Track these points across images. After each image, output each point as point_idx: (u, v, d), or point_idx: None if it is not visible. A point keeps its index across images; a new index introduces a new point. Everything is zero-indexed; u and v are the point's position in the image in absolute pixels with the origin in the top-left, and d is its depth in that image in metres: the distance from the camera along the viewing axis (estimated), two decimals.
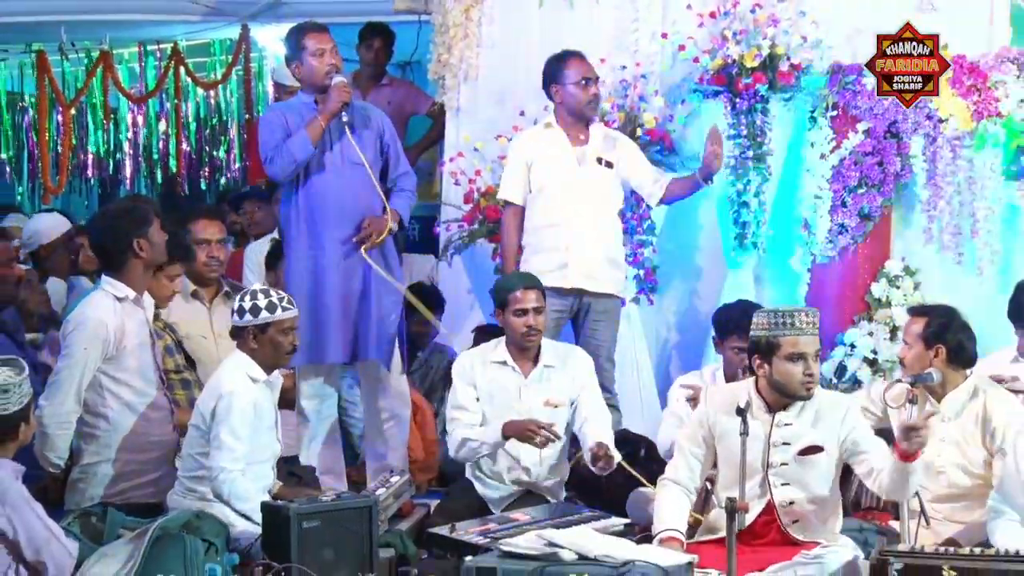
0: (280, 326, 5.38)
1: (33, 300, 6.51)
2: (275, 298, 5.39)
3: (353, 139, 6.17)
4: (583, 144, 6.72)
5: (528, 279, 6.08)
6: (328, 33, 6.31)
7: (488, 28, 8.06)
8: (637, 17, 7.70)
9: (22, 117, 13.65)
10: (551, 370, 6.05)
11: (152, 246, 5.47)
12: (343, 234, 6.18)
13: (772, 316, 5.07)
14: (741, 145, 7.20)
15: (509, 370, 6.03)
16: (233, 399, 5.23)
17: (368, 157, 6.22)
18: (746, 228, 7.25)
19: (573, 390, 6.04)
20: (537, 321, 5.96)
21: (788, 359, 5.01)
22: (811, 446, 5.09)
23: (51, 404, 5.26)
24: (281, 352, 5.41)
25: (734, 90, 7.19)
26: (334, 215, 6.19)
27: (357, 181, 6.17)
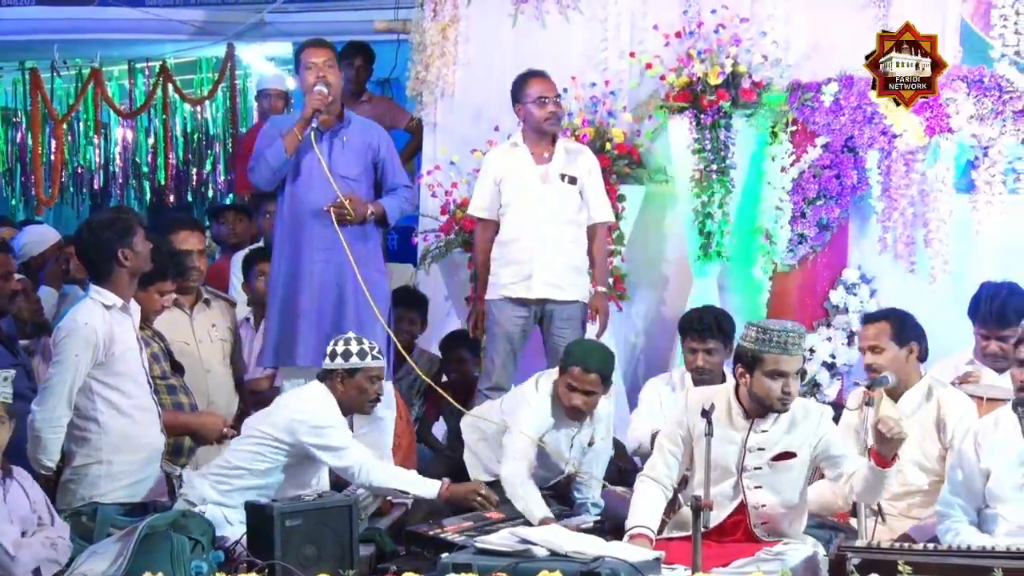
0: (368, 373, 5.50)
1: (27, 308, 6.46)
2: (367, 346, 5.51)
3: (318, 147, 6.16)
4: (547, 162, 6.70)
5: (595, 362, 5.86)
6: (322, 48, 6.32)
7: (464, 47, 8.06)
8: (606, 37, 7.73)
9: (16, 132, 13.57)
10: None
11: (136, 255, 5.43)
12: (320, 240, 6.16)
13: (761, 331, 4.99)
14: (705, 159, 7.21)
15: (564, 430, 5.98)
16: (322, 420, 5.40)
17: (354, 169, 6.23)
18: (710, 238, 7.25)
19: None
20: (585, 402, 5.86)
21: (769, 376, 4.98)
22: (784, 452, 5.08)
23: (43, 408, 5.22)
24: (365, 399, 5.55)
25: (699, 106, 7.20)
26: (311, 221, 6.17)
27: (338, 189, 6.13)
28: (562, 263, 6.62)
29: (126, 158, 13.13)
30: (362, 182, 6.27)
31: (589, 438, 6.01)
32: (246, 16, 11.03)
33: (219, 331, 6.59)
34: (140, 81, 12.52)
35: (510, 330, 6.58)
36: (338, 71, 6.32)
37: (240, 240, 8.16)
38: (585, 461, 6.03)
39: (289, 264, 6.23)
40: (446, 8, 8.07)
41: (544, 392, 5.95)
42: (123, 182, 13.09)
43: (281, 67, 11.77)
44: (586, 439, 6.01)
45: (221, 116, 12.66)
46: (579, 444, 5.99)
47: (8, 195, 13.62)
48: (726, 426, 5.04)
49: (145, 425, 5.45)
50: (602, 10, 7.75)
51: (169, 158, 12.63)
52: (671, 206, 7.54)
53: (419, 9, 8.21)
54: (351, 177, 6.23)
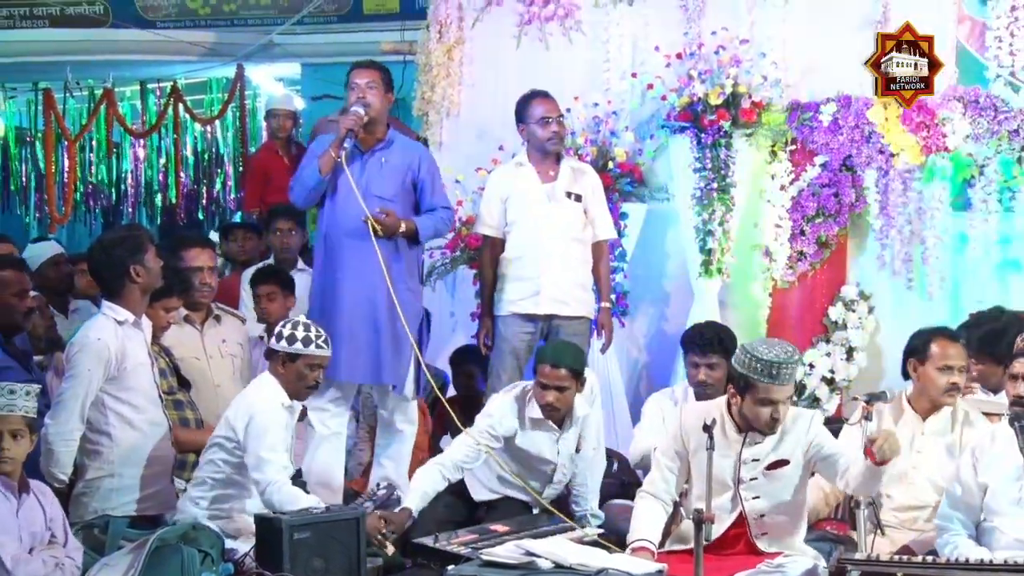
0: (309, 361, 5.41)
1: (41, 325, 6.46)
2: (312, 334, 5.43)
3: (355, 166, 6.14)
4: (552, 180, 6.68)
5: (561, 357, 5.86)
6: (367, 69, 6.29)
7: (469, 68, 8.08)
8: (608, 58, 7.73)
9: (29, 151, 13.61)
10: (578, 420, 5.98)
11: (148, 271, 5.42)
12: (354, 257, 6.13)
13: (753, 360, 4.93)
14: (706, 178, 7.21)
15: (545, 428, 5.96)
16: (267, 417, 5.27)
17: (390, 189, 6.20)
18: (711, 255, 7.25)
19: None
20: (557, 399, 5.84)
21: (759, 403, 4.96)
22: (778, 460, 5.07)
23: (56, 422, 5.21)
24: (303, 385, 5.45)
25: (699, 126, 7.21)
26: (345, 239, 6.16)
27: (372, 209, 6.09)
28: (569, 279, 6.61)
29: (138, 177, 13.17)
30: (397, 202, 6.21)
31: (575, 443, 5.99)
32: (255, 37, 11.07)
33: (229, 347, 6.58)
34: (151, 101, 12.57)
35: (516, 345, 6.58)
36: (381, 92, 6.25)
37: (250, 257, 8.17)
38: (578, 471, 6.02)
39: (325, 280, 6.23)
40: (451, 30, 8.09)
41: (511, 395, 5.96)
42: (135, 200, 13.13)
43: (290, 87, 11.80)
44: (571, 443, 5.98)
45: (231, 135, 12.70)
46: (565, 449, 5.97)
47: (22, 213, 13.65)
48: (721, 440, 5.01)
49: (156, 439, 5.44)
50: (604, 32, 7.76)
51: (180, 177, 12.66)
52: (672, 224, 7.54)
53: (425, 31, 8.23)
54: (386, 197, 6.18)
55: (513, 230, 6.67)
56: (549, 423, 5.92)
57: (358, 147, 6.23)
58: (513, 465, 5.93)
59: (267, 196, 9.10)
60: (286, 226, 7.82)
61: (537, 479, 6.00)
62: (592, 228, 6.72)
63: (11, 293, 5.72)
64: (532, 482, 5.95)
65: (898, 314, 7.13)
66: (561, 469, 6.00)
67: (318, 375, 5.48)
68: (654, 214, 7.59)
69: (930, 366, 5.57)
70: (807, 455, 5.10)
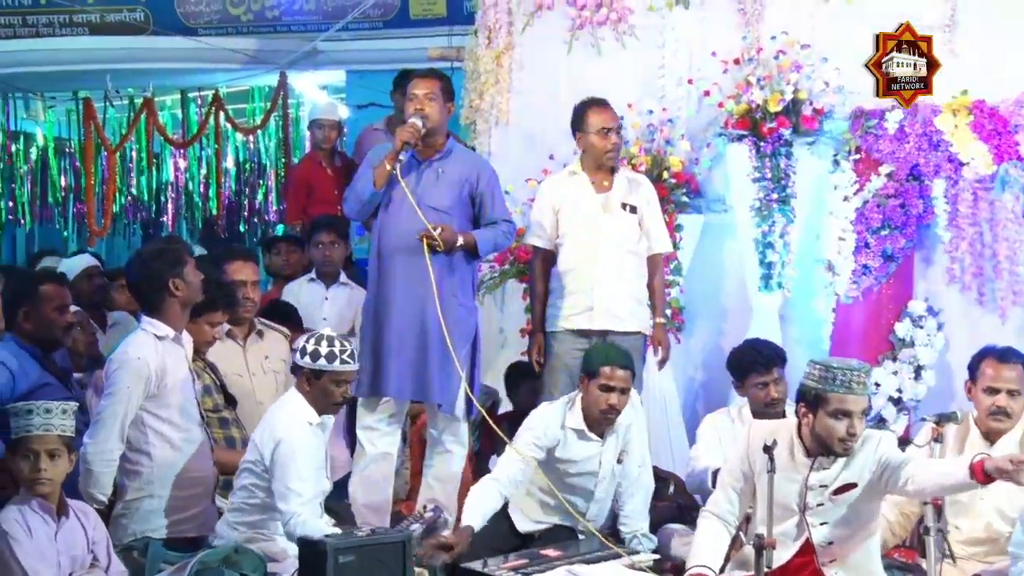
0: (335, 377, 5.37)
1: (82, 341, 6.50)
2: (337, 348, 5.37)
3: (410, 177, 6.14)
4: (607, 191, 6.65)
5: (623, 357, 5.98)
6: (427, 79, 6.28)
7: (518, 74, 8.06)
8: (663, 64, 7.69)
9: (69, 162, 13.74)
10: (620, 428, 6.01)
11: (187, 285, 5.43)
12: (406, 271, 6.12)
13: (824, 369, 4.93)
14: (766, 188, 7.17)
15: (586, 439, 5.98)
16: (294, 445, 5.23)
17: (446, 201, 6.17)
18: (771, 269, 7.21)
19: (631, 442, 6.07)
20: (620, 401, 5.90)
21: (832, 415, 4.90)
22: (845, 485, 5.00)
23: (95, 441, 5.22)
24: (330, 402, 5.41)
25: (758, 134, 7.17)
26: (398, 252, 6.14)
27: (428, 220, 6.07)
28: (623, 293, 6.57)
29: (178, 188, 13.27)
30: (454, 215, 6.19)
31: (617, 455, 5.96)
32: (299, 44, 11.13)
33: (272, 363, 6.60)
34: (192, 110, 12.66)
35: (569, 362, 6.51)
36: (440, 103, 6.23)
37: (293, 271, 8.19)
38: (624, 490, 5.99)
39: (377, 295, 6.22)
40: (501, 35, 8.08)
41: (552, 406, 6.00)
42: (175, 212, 13.24)
43: (334, 95, 11.85)
44: (613, 455, 5.96)
45: (273, 145, 12.78)
46: (607, 461, 5.95)
47: (60, 226, 13.78)
48: (788, 464, 4.98)
49: (197, 458, 5.44)
50: (659, 36, 7.72)
51: (221, 188, 12.74)
52: (730, 236, 7.49)
53: (473, 36, 8.23)
54: (442, 209, 6.15)
55: (565, 242, 6.65)
56: (590, 434, 5.93)
57: (415, 157, 6.22)
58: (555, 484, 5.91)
59: (310, 208, 9.13)
60: (328, 239, 7.83)
61: (580, 496, 5.97)
62: (647, 241, 6.69)
63: (51, 308, 5.75)
64: (575, 498, 5.93)
65: (968, 330, 7.04)
66: (603, 484, 5.97)
67: (345, 391, 5.44)
68: (711, 226, 7.55)
69: (979, 387, 5.53)
70: (877, 476, 5.01)
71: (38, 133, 13.81)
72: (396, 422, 6.29)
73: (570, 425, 5.94)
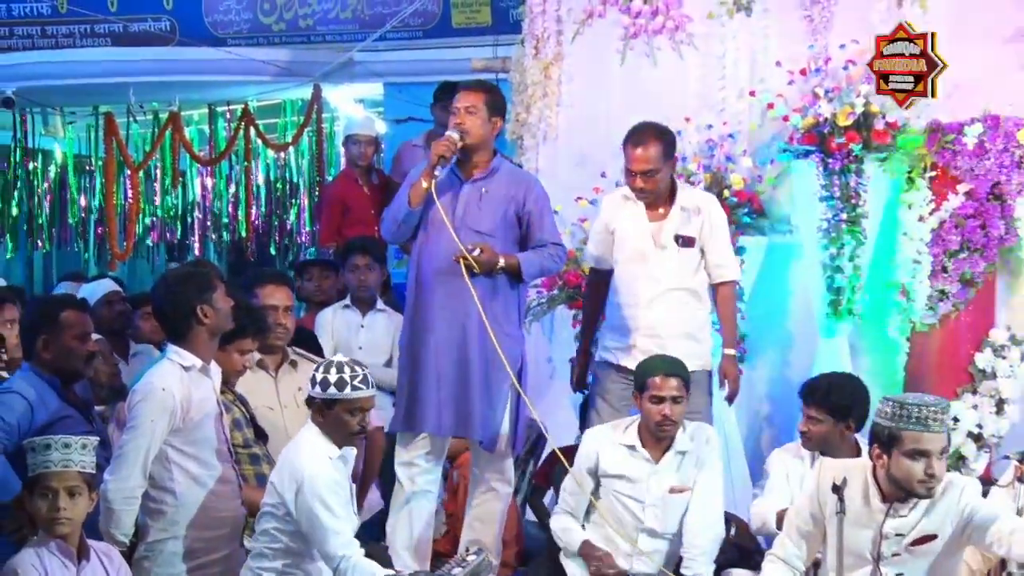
0: (348, 406, 5.32)
1: (104, 372, 6.56)
2: (347, 375, 5.32)
3: (439, 199, 6.15)
4: (661, 219, 6.63)
5: (671, 366, 6.05)
6: (471, 92, 6.31)
7: (568, 87, 8.10)
8: (724, 75, 7.71)
9: (89, 181, 13.85)
10: (681, 455, 6.06)
11: (216, 312, 5.44)
12: (445, 295, 6.15)
13: (898, 407, 4.90)
14: (834, 207, 7.16)
15: (639, 455, 6.03)
16: (317, 483, 5.19)
17: (488, 222, 6.19)
18: (840, 294, 7.20)
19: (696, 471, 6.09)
20: (674, 411, 5.96)
21: (909, 456, 4.87)
22: (924, 536, 4.97)
23: (116, 479, 5.23)
24: (347, 432, 5.34)
25: (826, 150, 7.17)
26: (436, 275, 6.18)
27: (467, 243, 6.09)
28: (669, 332, 6.54)
29: (205, 208, 13.37)
30: (497, 236, 6.19)
31: (669, 483, 5.97)
32: (334, 55, 11.23)
33: (306, 395, 6.63)
34: (220, 126, 12.79)
35: (611, 396, 6.56)
36: (484, 117, 6.25)
37: (327, 297, 8.25)
38: (688, 529, 5.99)
39: (415, 322, 6.25)
40: (549, 45, 8.13)
41: (607, 425, 6.14)
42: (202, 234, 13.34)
43: (371, 109, 11.92)
44: (666, 481, 5.97)
45: (306, 163, 12.87)
46: (658, 485, 5.97)
47: (80, 249, 13.88)
48: (862, 509, 4.95)
49: (225, 498, 5.47)
50: (719, 45, 7.74)
51: (251, 208, 12.83)
52: (796, 259, 7.50)
53: (520, 46, 8.28)
54: (483, 231, 6.17)
55: (616, 269, 6.69)
56: (642, 450, 5.96)
57: (458, 175, 6.26)
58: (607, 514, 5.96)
59: (345, 229, 9.20)
60: (363, 262, 7.88)
61: (630, 525, 5.98)
62: (711, 269, 6.67)
63: (72, 336, 5.78)
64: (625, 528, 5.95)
65: None
66: (652, 511, 5.97)
67: (362, 419, 5.35)
68: (775, 248, 7.56)
69: None
70: (960, 527, 4.97)
71: (57, 150, 13.98)
72: (436, 458, 6.31)
73: (621, 441, 6.02)
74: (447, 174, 6.21)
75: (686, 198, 6.71)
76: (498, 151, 6.45)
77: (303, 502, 5.18)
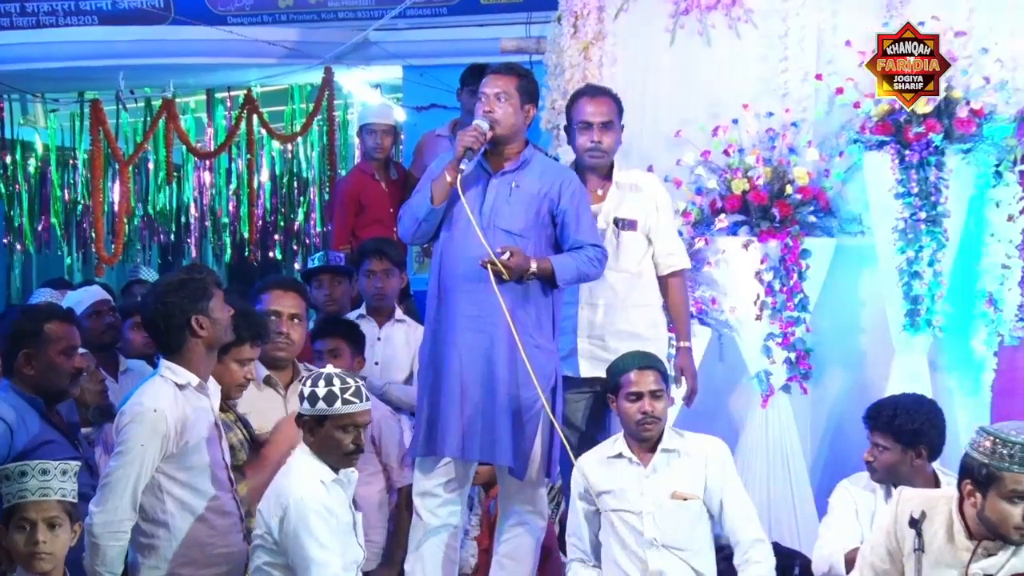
0: (339, 422, 5.28)
1: (91, 391, 6.55)
2: (338, 387, 5.28)
3: (465, 195, 6.14)
4: (599, 201, 6.65)
5: (644, 358, 6.06)
6: (501, 76, 6.31)
7: (610, 70, 8.06)
8: (786, 56, 7.69)
9: (73, 176, 13.89)
10: (673, 455, 5.99)
11: (213, 323, 5.45)
12: (470, 303, 6.14)
13: (1000, 443, 4.82)
14: (912, 205, 7.14)
15: (626, 462, 6.00)
16: (304, 508, 5.16)
17: (519, 221, 6.18)
18: (918, 303, 7.18)
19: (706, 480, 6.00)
20: (655, 406, 5.94)
21: (1008, 499, 4.81)
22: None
23: (103, 510, 5.23)
24: (341, 452, 5.30)
25: (903, 140, 7.15)
26: (460, 281, 6.17)
27: (494, 245, 6.07)
28: (616, 331, 6.57)
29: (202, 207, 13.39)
30: (529, 237, 6.19)
31: (670, 489, 5.91)
32: (347, 35, 11.23)
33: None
34: (220, 114, 12.82)
35: (574, 416, 6.54)
36: (516, 104, 6.25)
37: (339, 307, 8.24)
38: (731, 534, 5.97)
39: (436, 332, 6.24)
40: (589, 23, 8.10)
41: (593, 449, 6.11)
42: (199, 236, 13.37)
43: (389, 95, 11.92)
44: (664, 486, 5.91)
45: (316, 156, 12.88)
46: (653, 492, 5.91)
47: (64, 252, 13.91)
48: (945, 546, 4.92)
49: (225, 532, 5.47)
50: (782, 23, 7.73)
51: (254, 206, 12.84)
52: (869, 264, 7.49)
53: (556, 24, 8.26)
54: (513, 231, 6.16)
55: None
56: (630, 453, 5.93)
57: (485, 168, 6.25)
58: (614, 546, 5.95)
59: (360, 230, 9.20)
60: (380, 267, 7.87)
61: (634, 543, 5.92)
62: (655, 259, 6.69)
63: (57, 350, 5.80)
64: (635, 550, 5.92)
65: None
66: (653, 520, 5.89)
67: (356, 436, 5.32)
68: (845, 251, 7.55)
69: None
70: None
71: (37, 142, 14.03)
72: (459, 487, 6.30)
73: (607, 454, 6.02)
74: (474, 167, 6.18)
75: (622, 176, 6.75)
76: (530, 141, 6.43)
77: (288, 529, 5.16)
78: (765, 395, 7.40)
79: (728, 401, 7.82)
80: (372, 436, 7.03)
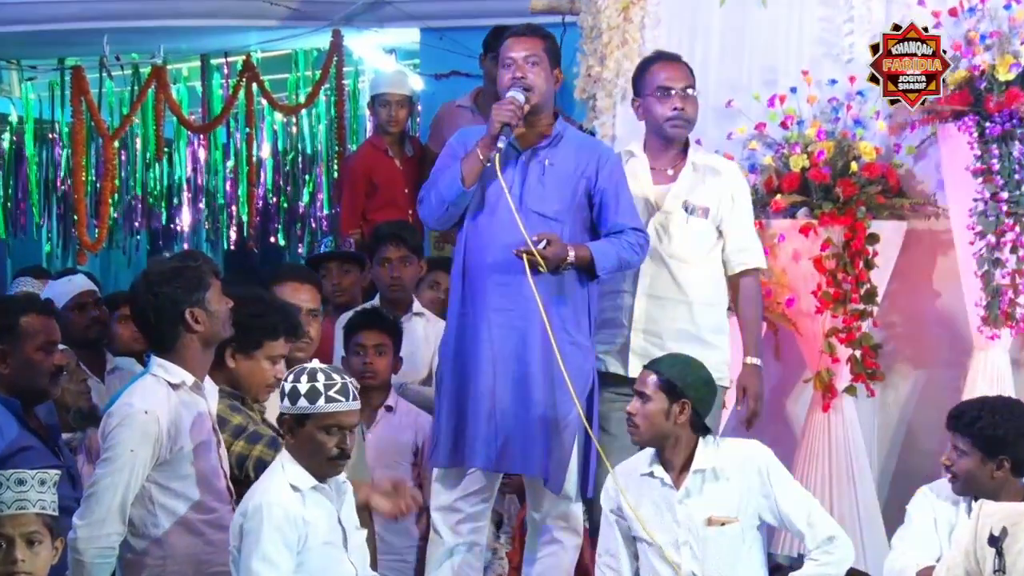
0: (321, 422, 5.20)
1: (72, 391, 6.58)
2: (321, 383, 5.20)
3: (508, 174, 6.17)
4: (669, 181, 6.67)
5: None
6: (527, 39, 6.31)
7: (653, 32, 8.06)
8: (852, 16, 7.69)
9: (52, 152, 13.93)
10: (708, 475, 5.87)
11: (210, 316, 5.46)
12: (502, 296, 6.17)
13: None
14: (992, 185, 7.13)
15: (657, 484, 5.90)
16: (261, 513, 5.10)
17: (554, 204, 6.20)
18: (999, 295, 7.17)
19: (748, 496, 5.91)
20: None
21: None
22: None
23: (88, 524, 5.25)
24: (323, 456, 5.22)
25: (983, 111, 7.14)
26: (491, 271, 6.19)
27: (530, 230, 6.06)
28: (676, 331, 6.54)
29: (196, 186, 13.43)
30: (565, 221, 6.21)
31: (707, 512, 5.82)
32: None
33: None
34: (216, 83, 12.84)
35: (613, 423, 6.39)
36: (547, 69, 6.27)
37: (350, 298, 8.29)
38: None
39: (462, 328, 6.26)
40: None
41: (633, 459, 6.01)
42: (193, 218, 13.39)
43: (404, 62, 11.93)
44: (700, 510, 5.82)
45: (323, 129, 12.89)
46: (687, 516, 5.84)
47: (41, 237, 13.95)
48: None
49: (222, 547, 5.46)
50: None
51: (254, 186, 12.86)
52: (944, 250, 7.51)
53: None
54: (548, 215, 6.18)
55: None
56: (662, 479, 5.83)
57: (514, 146, 6.24)
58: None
59: (372, 213, 9.23)
60: (396, 254, 7.91)
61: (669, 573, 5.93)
62: (725, 254, 6.71)
63: (34, 346, 5.81)
64: None
65: None
66: (689, 550, 5.82)
67: (341, 440, 5.22)
68: (917, 236, 7.57)
69: None
70: None
71: (13, 113, 14.08)
72: (485, 502, 6.33)
73: (642, 470, 5.90)
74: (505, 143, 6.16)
75: (699, 157, 6.78)
76: (560, 112, 6.44)
77: (243, 534, 5.12)
78: (827, 398, 7.42)
79: (784, 404, 7.83)
80: (416, 445, 7.11)
